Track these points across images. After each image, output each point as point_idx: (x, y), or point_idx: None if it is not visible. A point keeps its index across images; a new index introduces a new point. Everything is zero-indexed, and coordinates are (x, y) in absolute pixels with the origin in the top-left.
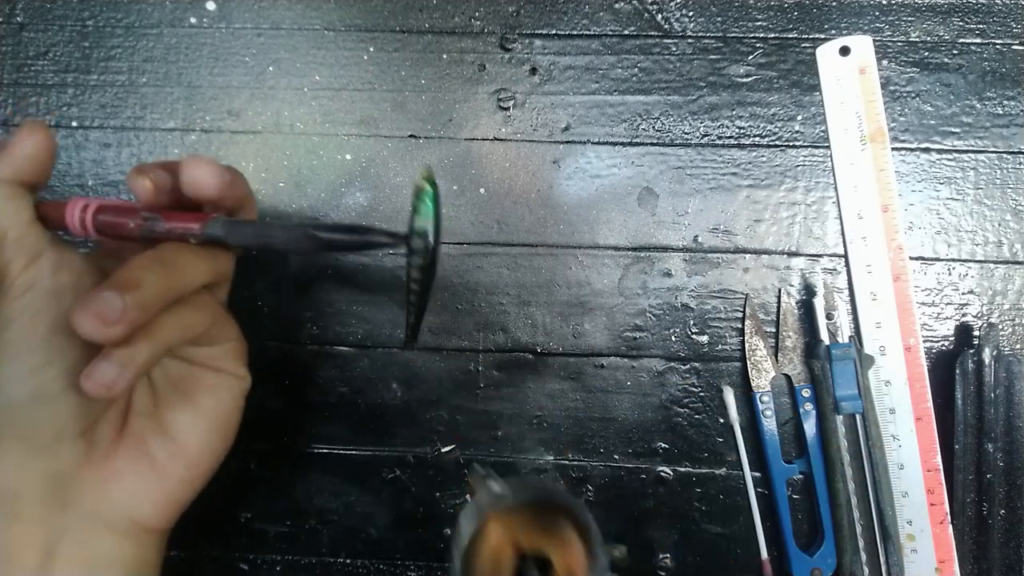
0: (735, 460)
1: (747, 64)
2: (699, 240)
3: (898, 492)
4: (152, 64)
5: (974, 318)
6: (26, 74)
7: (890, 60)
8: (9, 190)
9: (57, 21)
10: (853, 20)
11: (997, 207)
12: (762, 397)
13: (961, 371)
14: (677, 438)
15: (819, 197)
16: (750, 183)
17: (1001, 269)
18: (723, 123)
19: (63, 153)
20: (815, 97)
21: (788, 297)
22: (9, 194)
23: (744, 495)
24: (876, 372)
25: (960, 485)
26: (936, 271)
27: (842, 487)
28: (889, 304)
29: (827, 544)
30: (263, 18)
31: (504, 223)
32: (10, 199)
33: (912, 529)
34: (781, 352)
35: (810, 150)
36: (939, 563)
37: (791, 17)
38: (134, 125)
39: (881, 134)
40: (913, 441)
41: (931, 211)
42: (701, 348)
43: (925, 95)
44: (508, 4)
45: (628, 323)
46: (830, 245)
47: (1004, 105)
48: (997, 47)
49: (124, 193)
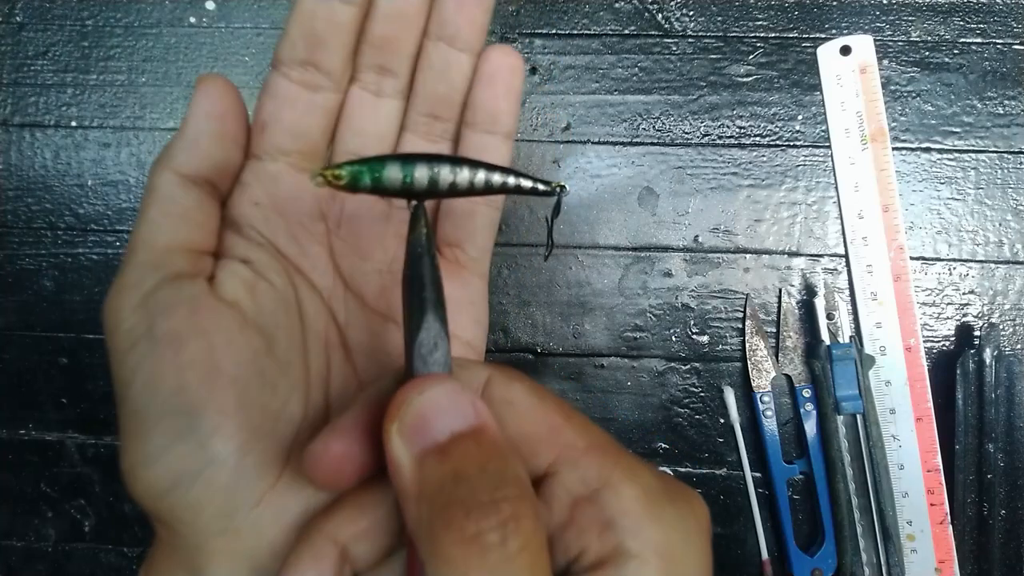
0: (736, 460)
1: (748, 64)
2: (699, 240)
3: (898, 492)
4: (151, 64)
5: (975, 318)
6: (25, 74)
7: (891, 60)
8: (196, 194)
9: (56, 21)
10: (854, 20)
11: (998, 207)
12: (763, 397)
13: (962, 371)
14: (678, 438)
15: (820, 197)
16: (751, 183)
17: (1002, 269)
18: (723, 123)
19: (62, 153)
20: (816, 97)
21: (789, 297)
22: (194, 199)
23: (745, 495)
24: (877, 372)
25: (960, 485)
26: (937, 271)
27: (843, 487)
28: (890, 304)
29: (828, 544)
30: (263, 18)
31: (504, 223)
32: (198, 204)
33: (912, 529)
34: (782, 352)
35: (811, 150)
36: (939, 563)
37: (792, 17)
38: (133, 125)
39: (882, 134)
40: (913, 441)
41: (932, 211)
42: (701, 348)
43: (926, 95)
44: (508, 3)
45: (628, 323)
46: (831, 245)
47: (1005, 105)
48: (998, 47)
49: (123, 192)
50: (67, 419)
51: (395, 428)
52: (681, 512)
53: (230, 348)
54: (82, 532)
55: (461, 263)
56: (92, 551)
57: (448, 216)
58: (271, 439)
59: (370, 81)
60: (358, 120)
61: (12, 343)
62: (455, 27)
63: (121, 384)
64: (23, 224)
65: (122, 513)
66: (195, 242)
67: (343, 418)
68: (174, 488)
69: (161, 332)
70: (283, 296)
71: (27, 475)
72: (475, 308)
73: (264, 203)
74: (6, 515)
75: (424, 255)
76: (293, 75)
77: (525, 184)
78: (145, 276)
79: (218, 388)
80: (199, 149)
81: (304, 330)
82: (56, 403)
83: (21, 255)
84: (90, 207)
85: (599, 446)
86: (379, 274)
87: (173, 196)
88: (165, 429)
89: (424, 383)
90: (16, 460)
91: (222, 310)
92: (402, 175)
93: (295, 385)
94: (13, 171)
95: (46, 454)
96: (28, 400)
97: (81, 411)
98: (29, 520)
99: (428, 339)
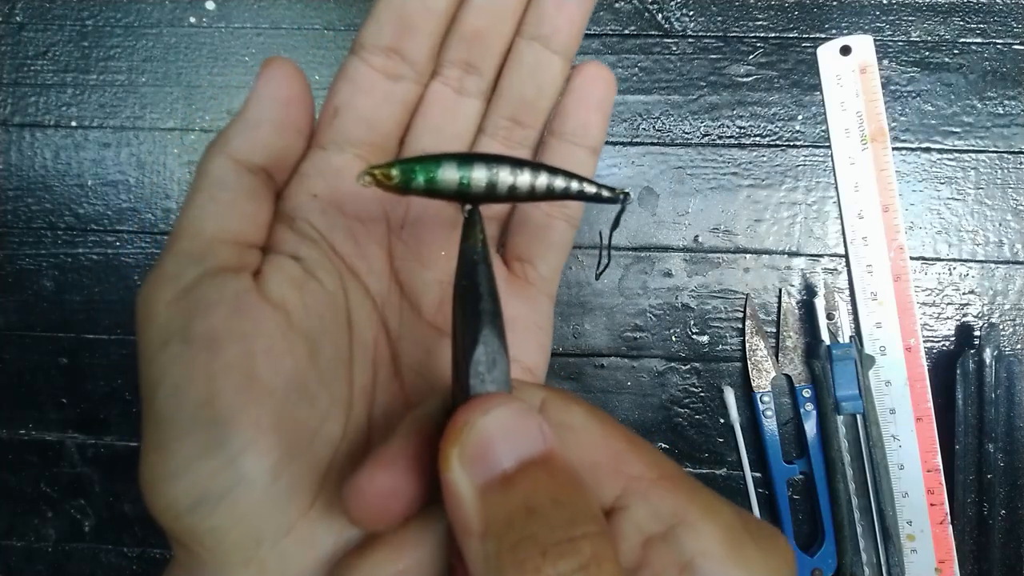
0: (735, 460)
1: (747, 64)
2: (699, 240)
3: (898, 492)
4: (151, 64)
5: (975, 318)
6: (25, 74)
7: (891, 60)
8: (250, 182)
9: (56, 21)
10: (854, 20)
11: (998, 207)
12: (763, 397)
13: (962, 371)
14: (677, 438)
15: (820, 197)
16: (750, 183)
17: (1002, 269)
18: (723, 123)
19: (62, 153)
20: (816, 97)
21: (789, 297)
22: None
23: (745, 495)
24: (877, 372)
25: (960, 485)
26: (937, 271)
27: (843, 487)
28: (890, 304)
29: (827, 544)
30: (262, 18)
31: None
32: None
33: (912, 529)
34: (782, 352)
35: (811, 150)
36: (939, 563)
37: (792, 17)
38: (133, 125)
39: (882, 134)
40: (913, 441)
41: (932, 211)
42: (701, 348)
43: (926, 95)
44: None
45: (628, 323)
46: (831, 245)
47: (1005, 105)
48: (998, 47)
49: (123, 192)
50: (67, 419)
51: (456, 454)
52: (766, 553)
53: (270, 355)
54: (82, 532)
55: (530, 280)
56: (92, 551)
57: (521, 228)
58: (306, 460)
59: (453, 76)
60: (435, 117)
61: (12, 343)
62: (553, 27)
63: (148, 386)
64: (23, 224)
65: (122, 513)
66: (243, 234)
67: (389, 446)
68: (197, 508)
69: (197, 332)
70: (332, 299)
71: (27, 475)
72: (540, 332)
73: (324, 196)
74: (6, 515)
75: (480, 263)
76: (375, 61)
77: (589, 190)
78: (186, 267)
79: (253, 399)
80: (258, 135)
81: (351, 339)
82: (56, 403)
83: (21, 255)
84: (90, 207)
85: (670, 477)
86: (440, 285)
87: (225, 182)
88: (192, 441)
89: (488, 403)
90: (16, 460)
91: (266, 311)
92: (458, 176)
93: (336, 400)
94: (13, 171)
95: (46, 454)
96: (28, 400)
97: (81, 411)
98: (29, 520)
99: (486, 355)
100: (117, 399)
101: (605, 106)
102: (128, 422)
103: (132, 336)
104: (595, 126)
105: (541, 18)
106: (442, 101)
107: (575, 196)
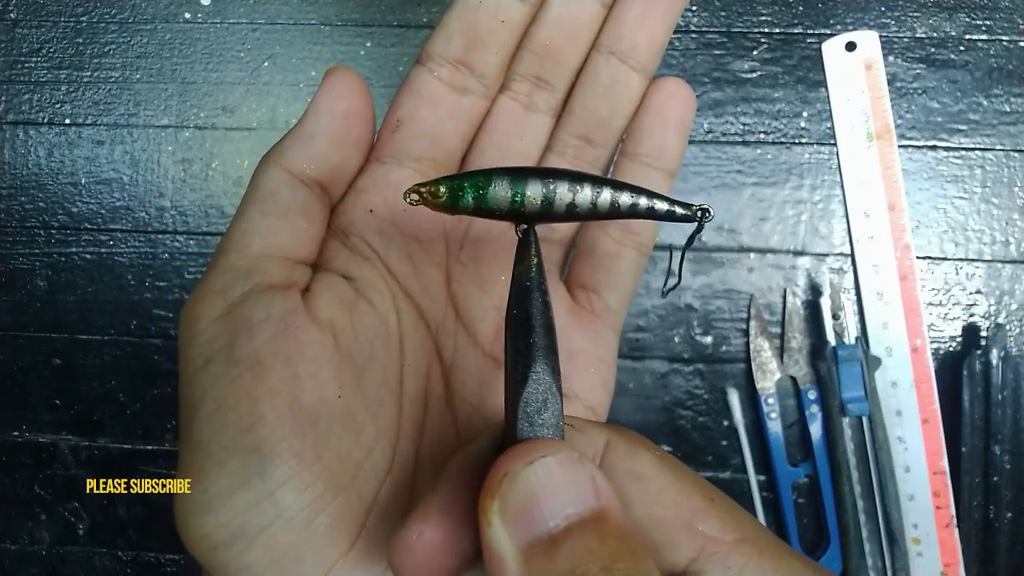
0: (740, 463)
1: (752, 60)
2: (703, 239)
3: (904, 495)
4: (146, 60)
5: (981, 318)
6: (19, 71)
7: (896, 56)
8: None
9: (50, 17)
10: (859, 15)
11: (1004, 205)
12: (767, 399)
13: (968, 372)
14: (681, 441)
15: (825, 195)
16: (755, 181)
17: (1009, 269)
18: (728, 120)
19: (55, 151)
20: (821, 93)
21: (794, 297)
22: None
23: (749, 499)
24: (883, 373)
25: (966, 488)
26: (943, 271)
27: (848, 490)
28: (896, 304)
29: (833, 548)
30: (258, 13)
31: None
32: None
33: (918, 532)
34: (786, 353)
35: (816, 147)
36: (945, 566)
37: (796, 12)
38: (128, 122)
39: (888, 131)
40: (920, 443)
41: (938, 209)
42: (705, 349)
43: (932, 91)
44: None
45: (631, 324)
46: (836, 244)
47: (1011, 102)
48: (1004, 43)
49: (117, 191)
50: (60, 421)
51: (495, 509)
52: None
53: (316, 380)
54: (76, 535)
55: (595, 312)
56: (86, 554)
57: (586, 255)
58: (349, 496)
59: (523, 91)
60: (502, 134)
61: (4, 343)
62: (632, 42)
63: (187, 406)
64: (16, 223)
65: (116, 516)
66: (294, 249)
67: (437, 494)
68: (232, 543)
69: (242, 353)
70: (384, 321)
71: (21, 477)
72: (604, 368)
73: (380, 212)
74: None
75: (534, 290)
76: (442, 73)
77: (661, 207)
78: (233, 283)
79: (297, 428)
80: (314, 148)
81: (402, 365)
82: (49, 404)
83: (14, 254)
84: (84, 205)
85: (752, 540)
86: (498, 311)
87: (278, 195)
88: (231, 470)
89: (532, 450)
90: (9, 462)
91: (312, 333)
92: (511, 193)
93: (383, 432)
94: (6, 169)
95: (39, 456)
96: (21, 401)
97: (75, 413)
98: (23, 523)
99: (536, 394)
100: (111, 400)
101: (684, 126)
102: (122, 424)
103: (126, 337)
104: (672, 148)
105: (620, 33)
106: (510, 117)
107: (644, 214)
